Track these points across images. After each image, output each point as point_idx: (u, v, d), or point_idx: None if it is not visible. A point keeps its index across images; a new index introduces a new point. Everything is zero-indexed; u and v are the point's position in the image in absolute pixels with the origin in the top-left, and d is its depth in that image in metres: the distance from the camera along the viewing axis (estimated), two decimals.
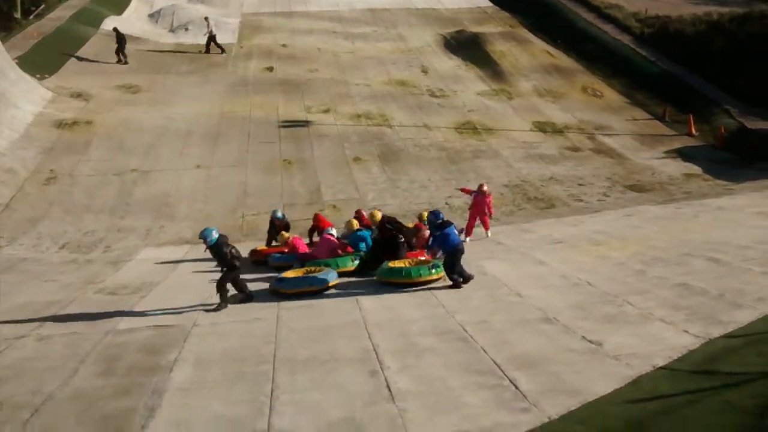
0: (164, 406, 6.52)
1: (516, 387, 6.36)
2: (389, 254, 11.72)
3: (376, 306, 9.55)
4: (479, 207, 14.44)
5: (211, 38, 29.36)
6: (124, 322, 9.38)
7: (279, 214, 14.67)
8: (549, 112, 25.62)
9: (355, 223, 13.69)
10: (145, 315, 9.73)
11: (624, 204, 17.24)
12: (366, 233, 13.18)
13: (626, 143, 23.26)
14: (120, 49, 27.58)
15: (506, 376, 6.64)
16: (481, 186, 14.67)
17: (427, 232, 12.08)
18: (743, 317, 7.55)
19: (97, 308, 10.18)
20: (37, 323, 9.40)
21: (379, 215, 13.17)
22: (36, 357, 8.03)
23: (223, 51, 29.52)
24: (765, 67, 25.53)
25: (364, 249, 12.67)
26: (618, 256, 11.40)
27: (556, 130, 23.98)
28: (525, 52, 31.55)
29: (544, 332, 7.90)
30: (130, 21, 31.13)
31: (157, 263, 13.57)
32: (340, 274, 11.33)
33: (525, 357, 7.12)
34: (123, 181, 18.52)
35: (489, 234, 14.53)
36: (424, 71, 29.22)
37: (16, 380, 7.25)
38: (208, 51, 29.44)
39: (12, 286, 11.67)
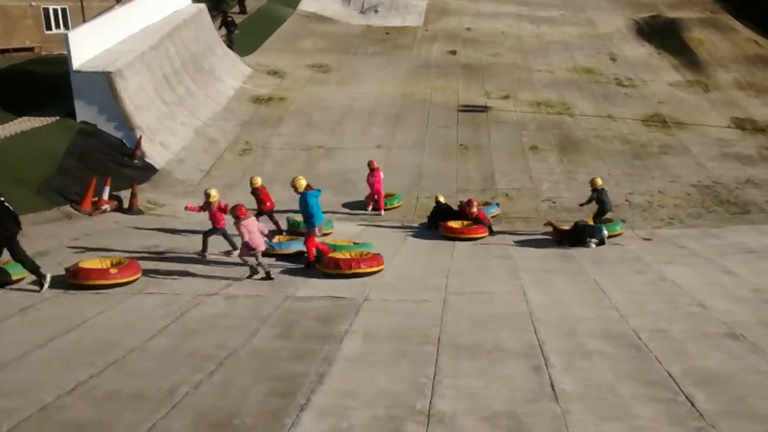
0: (333, 374, 6.68)
1: (692, 404, 5.95)
2: None
3: (544, 301, 9.35)
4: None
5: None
6: (303, 290, 9.86)
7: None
8: (750, 108, 23.46)
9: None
10: (322, 285, 10.16)
11: None
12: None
13: None
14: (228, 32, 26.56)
15: (682, 391, 6.23)
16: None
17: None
18: None
19: (280, 273, 10.82)
20: (226, 282, 10.21)
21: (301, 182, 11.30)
22: (223, 314, 8.68)
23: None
24: None
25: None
26: None
27: (758, 129, 21.90)
28: (726, 41, 29.05)
29: (729, 348, 7.32)
30: (324, 3, 32.77)
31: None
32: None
33: (704, 373, 6.64)
34: (309, 156, 19.60)
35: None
36: (613, 58, 27.89)
37: (205, 334, 7.86)
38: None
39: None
